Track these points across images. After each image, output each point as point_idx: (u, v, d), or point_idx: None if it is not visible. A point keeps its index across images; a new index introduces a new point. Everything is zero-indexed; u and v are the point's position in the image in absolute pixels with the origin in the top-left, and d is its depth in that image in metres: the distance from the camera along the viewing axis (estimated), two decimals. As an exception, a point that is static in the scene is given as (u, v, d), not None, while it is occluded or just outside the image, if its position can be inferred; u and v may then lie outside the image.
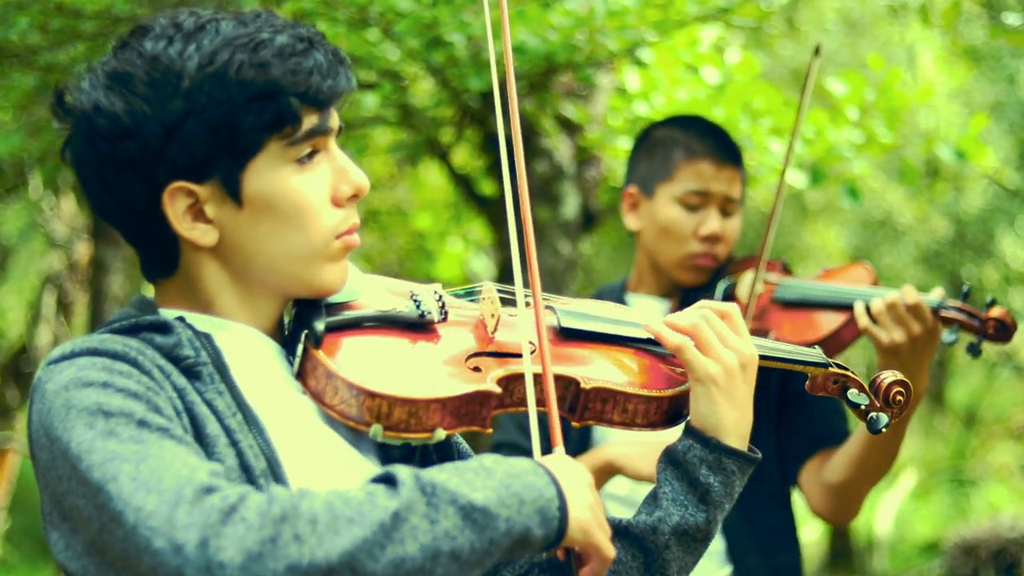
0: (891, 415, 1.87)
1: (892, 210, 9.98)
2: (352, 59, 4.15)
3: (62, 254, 8.85)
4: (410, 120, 4.68)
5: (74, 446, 1.46)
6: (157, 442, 1.46)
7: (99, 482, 1.43)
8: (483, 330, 1.76)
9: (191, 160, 1.59)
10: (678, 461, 1.76)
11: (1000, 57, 8.35)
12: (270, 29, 1.62)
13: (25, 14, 3.86)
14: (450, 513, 1.45)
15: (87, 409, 1.48)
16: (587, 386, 1.72)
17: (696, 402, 1.76)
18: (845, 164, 4.44)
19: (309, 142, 1.63)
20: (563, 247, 4.75)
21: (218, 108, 1.58)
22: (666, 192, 3.07)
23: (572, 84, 4.73)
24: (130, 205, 1.63)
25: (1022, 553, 8.33)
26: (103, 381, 1.50)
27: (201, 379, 1.59)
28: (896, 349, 2.73)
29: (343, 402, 1.61)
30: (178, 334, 1.61)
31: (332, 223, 1.66)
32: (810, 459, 3.02)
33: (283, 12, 3.99)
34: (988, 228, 9.76)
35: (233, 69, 1.58)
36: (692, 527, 1.75)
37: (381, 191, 8.08)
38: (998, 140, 8.98)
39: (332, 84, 1.63)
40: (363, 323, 1.70)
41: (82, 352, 1.55)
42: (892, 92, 4.28)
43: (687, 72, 4.64)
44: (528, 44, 3.95)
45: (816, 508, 3.02)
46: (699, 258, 3.05)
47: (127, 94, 1.59)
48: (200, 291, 1.68)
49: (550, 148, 4.72)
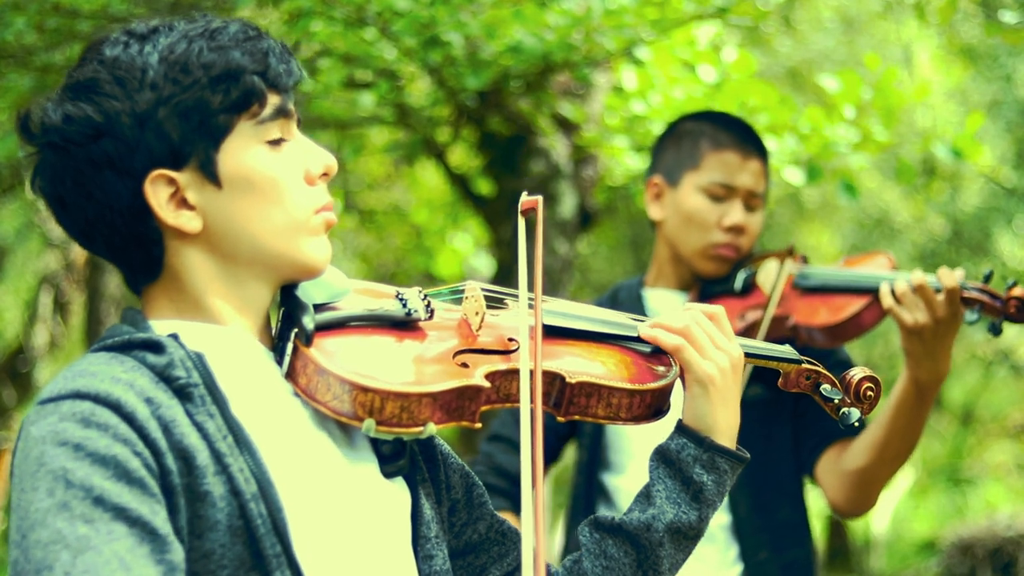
0: (862, 410, 1.91)
1: (889, 209, 9.99)
2: (349, 58, 4.18)
3: (59, 254, 8.85)
4: (407, 119, 4.68)
5: (32, 511, 1.47)
6: (106, 527, 1.46)
7: (39, 564, 1.43)
8: (468, 328, 1.78)
9: (167, 147, 1.62)
10: (671, 460, 1.79)
11: (997, 56, 8.35)
12: (220, 22, 1.69)
13: (22, 14, 3.86)
14: None
15: (52, 472, 1.48)
16: (572, 380, 1.74)
17: (692, 402, 1.79)
18: (842, 160, 4.44)
19: (276, 123, 1.67)
20: (560, 246, 4.75)
21: (185, 92, 1.62)
22: (692, 181, 3.09)
23: (569, 83, 4.74)
24: (112, 205, 1.64)
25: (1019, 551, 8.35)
26: (76, 443, 1.50)
27: (192, 401, 1.58)
28: (920, 330, 2.75)
29: (335, 398, 1.62)
30: (170, 354, 1.60)
31: (309, 199, 1.70)
32: (827, 450, 3.03)
33: (280, 12, 3.99)
34: (985, 227, 9.76)
35: (194, 55, 1.63)
36: (685, 525, 1.77)
37: (378, 191, 8.08)
38: (995, 139, 8.99)
39: (287, 68, 1.69)
40: (351, 322, 1.72)
41: (68, 395, 1.54)
42: (889, 91, 4.29)
43: (684, 71, 4.64)
44: (525, 43, 3.95)
45: (833, 500, 3.03)
46: (721, 248, 3.06)
47: (95, 97, 1.63)
48: (188, 289, 1.68)
49: (547, 147, 4.72)
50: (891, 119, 4.33)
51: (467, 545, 1.87)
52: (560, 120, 4.73)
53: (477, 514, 1.87)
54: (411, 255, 8.07)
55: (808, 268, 3.10)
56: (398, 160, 6.86)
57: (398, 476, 1.75)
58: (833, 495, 3.02)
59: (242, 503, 1.54)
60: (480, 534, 1.87)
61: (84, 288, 8.45)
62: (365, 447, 1.74)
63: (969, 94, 9.42)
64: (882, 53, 8.08)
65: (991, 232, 9.86)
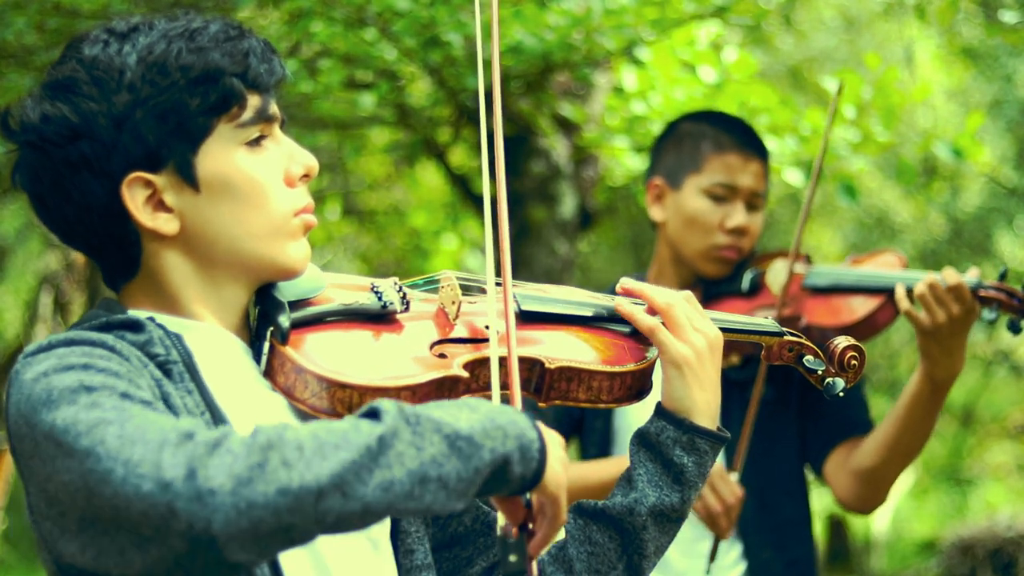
0: (847, 380, 1.90)
1: (889, 209, 9.98)
2: (349, 58, 4.17)
3: (59, 254, 8.85)
4: (407, 120, 4.68)
5: (59, 423, 1.45)
6: (140, 409, 1.46)
7: (87, 448, 1.42)
8: (444, 318, 1.78)
9: (144, 149, 1.62)
10: (651, 443, 1.79)
11: (997, 56, 8.35)
12: (201, 21, 1.67)
13: (22, 14, 3.86)
14: (435, 440, 1.44)
15: (68, 388, 1.47)
16: (552, 366, 1.73)
17: (668, 384, 1.79)
18: (842, 162, 4.44)
19: (256, 126, 1.66)
20: (560, 246, 4.75)
21: (162, 94, 1.61)
22: (694, 183, 3.09)
23: (569, 83, 4.73)
24: (89, 206, 1.63)
25: (1019, 552, 8.34)
26: (83, 364, 1.50)
27: (171, 377, 1.59)
28: (936, 329, 2.76)
29: (313, 395, 1.62)
30: (149, 332, 1.61)
31: (288, 201, 1.69)
32: (836, 448, 3.05)
33: (280, 12, 3.99)
34: (985, 227, 9.76)
35: (172, 56, 1.62)
36: (668, 507, 1.77)
37: (378, 191, 8.07)
38: (995, 139, 8.99)
39: (268, 68, 1.67)
40: (327, 317, 1.71)
41: (59, 343, 1.55)
42: (889, 90, 4.28)
43: (684, 71, 4.64)
44: (525, 43, 3.95)
45: (843, 497, 3.04)
46: (724, 250, 3.07)
47: (72, 97, 1.62)
48: (165, 288, 1.68)
49: (547, 148, 4.72)
50: (892, 119, 4.33)
51: (452, 537, 1.87)
52: (560, 120, 4.73)
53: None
54: (411, 256, 8.07)
55: (817, 268, 3.10)
56: (398, 160, 6.86)
57: None
58: (843, 493, 3.03)
59: None
60: (465, 526, 1.87)
61: (84, 288, 8.45)
62: None
63: (970, 94, 9.42)
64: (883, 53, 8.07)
65: (991, 232, 9.85)
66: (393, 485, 1.41)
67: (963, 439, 13.42)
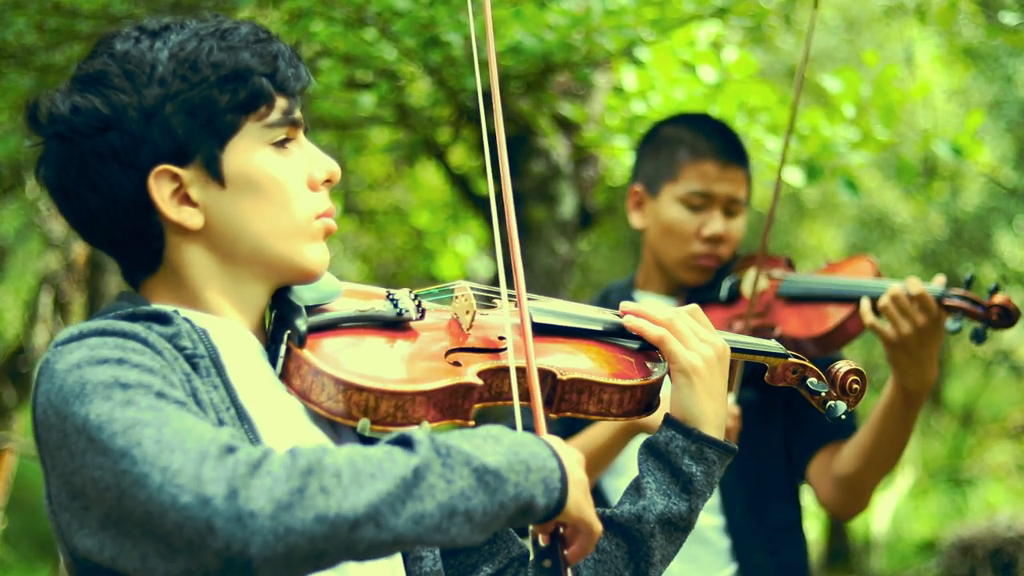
0: (848, 403, 1.93)
1: (889, 208, 9.98)
2: (349, 58, 4.18)
3: (59, 254, 8.84)
4: (407, 120, 4.68)
5: (93, 418, 1.45)
6: (176, 410, 1.46)
7: (122, 448, 1.42)
8: (458, 328, 1.80)
9: (172, 143, 1.63)
10: (660, 452, 1.81)
11: (997, 56, 8.34)
12: (232, 22, 1.70)
13: (22, 14, 3.86)
14: (465, 474, 1.46)
15: (103, 383, 1.48)
16: (564, 377, 1.75)
17: (678, 393, 1.80)
18: (842, 160, 4.44)
19: (283, 128, 1.69)
20: (560, 246, 4.75)
21: (193, 89, 1.63)
22: (670, 192, 3.08)
23: (569, 83, 4.73)
24: (115, 198, 1.65)
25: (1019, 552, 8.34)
26: (118, 358, 1.51)
27: (198, 371, 1.60)
28: (903, 341, 2.74)
29: (330, 398, 1.63)
30: (177, 325, 1.62)
31: (310, 204, 1.71)
32: (819, 452, 3.04)
33: (280, 12, 3.99)
34: (986, 227, 9.75)
35: (204, 54, 1.64)
36: (676, 515, 1.79)
37: (378, 191, 8.08)
38: (996, 139, 8.98)
39: (295, 73, 1.70)
40: (343, 323, 1.73)
41: (91, 333, 1.56)
42: (888, 89, 4.28)
43: (684, 71, 4.64)
44: (525, 44, 3.95)
45: (825, 502, 3.03)
46: (702, 259, 3.06)
47: (103, 89, 1.64)
48: (187, 283, 1.70)
49: (547, 148, 4.72)
50: (891, 118, 4.33)
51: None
52: (560, 120, 4.73)
53: None
54: (411, 256, 8.07)
55: (793, 276, 3.08)
56: (398, 160, 6.86)
57: None
58: (825, 497, 3.02)
59: None
60: None
61: (84, 288, 8.45)
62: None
63: (970, 94, 9.41)
64: (883, 53, 8.07)
65: (991, 232, 9.85)
66: (424, 518, 1.43)
67: (963, 439, 13.41)
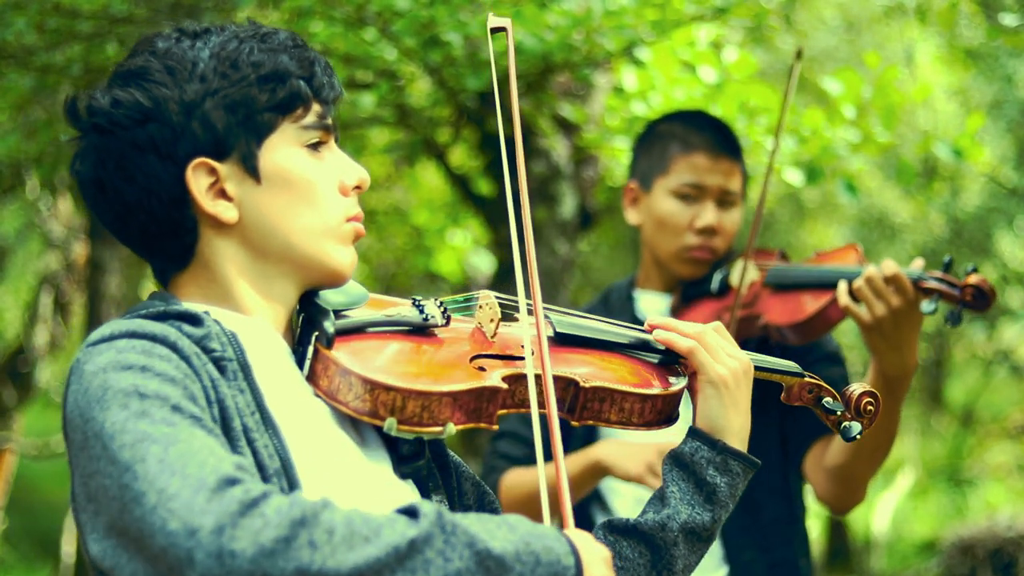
0: (863, 424, 1.97)
1: (889, 209, 9.98)
2: (349, 59, 4.17)
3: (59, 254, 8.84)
4: (407, 120, 4.68)
5: (108, 426, 1.48)
6: (188, 428, 1.48)
7: (127, 462, 1.45)
8: (482, 336, 1.83)
9: (211, 137, 1.68)
10: (685, 463, 1.83)
11: (998, 56, 8.35)
12: (270, 28, 1.75)
13: (22, 14, 3.86)
14: (465, 555, 1.45)
15: (123, 391, 1.50)
16: (586, 385, 1.78)
17: (705, 403, 1.84)
18: (842, 162, 4.44)
19: (317, 131, 1.73)
20: (560, 247, 4.75)
21: (233, 87, 1.68)
22: (662, 185, 3.09)
23: (569, 84, 4.73)
24: (152, 189, 1.68)
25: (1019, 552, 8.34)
26: (141, 365, 1.53)
27: (225, 374, 1.62)
28: (878, 323, 2.73)
29: (357, 398, 1.66)
30: (208, 327, 1.64)
31: (341, 206, 1.76)
32: (813, 446, 3.03)
33: (280, 12, 3.99)
34: (986, 227, 9.76)
35: (244, 54, 1.70)
36: (699, 525, 1.81)
37: (378, 191, 8.07)
38: (996, 139, 8.99)
39: (329, 81, 1.76)
40: (370, 327, 1.76)
41: (121, 335, 1.58)
42: (889, 90, 4.28)
43: (684, 71, 4.64)
44: (525, 44, 3.94)
45: (821, 496, 3.03)
46: (695, 251, 3.06)
47: (144, 83, 1.68)
48: (218, 278, 1.72)
49: (547, 148, 4.72)
50: (892, 118, 4.33)
51: None
52: (560, 121, 4.73)
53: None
54: (411, 255, 8.07)
55: (782, 266, 3.08)
56: (398, 160, 6.86)
57: (411, 478, 1.79)
58: (820, 491, 3.02)
59: (264, 477, 1.57)
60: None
61: (85, 288, 8.45)
62: (380, 449, 1.78)
63: (970, 94, 9.42)
64: (884, 53, 8.07)
65: (992, 232, 9.85)
66: None
67: (963, 439, 13.42)
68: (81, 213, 8.37)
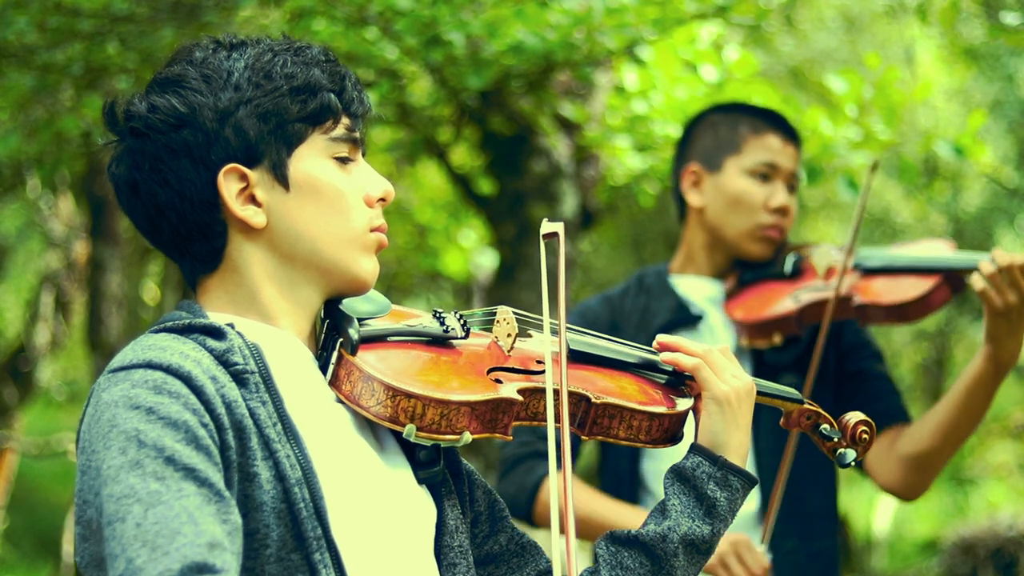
0: (858, 452, 2.02)
1: (890, 208, 9.98)
2: (351, 57, 4.17)
3: (60, 253, 8.86)
4: (408, 119, 4.68)
5: (104, 468, 1.54)
6: (176, 484, 1.53)
7: (111, 516, 1.51)
8: (499, 349, 1.88)
9: (243, 144, 1.74)
10: (687, 477, 1.87)
11: (999, 56, 8.35)
12: (303, 43, 1.82)
13: (23, 13, 3.86)
14: None
15: (125, 433, 1.55)
16: (598, 401, 1.83)
17: (708, 420, 1.88)
18: (843, 160, 4.44)
19: (346, 144, 1.79)
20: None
21: (266, 96, 1.74)
22: (735, 164, 3.10)
23: (570, 83, 4.73)
24: (184, 192, 1.73)
25: (1020, 551, 8.34)
26: (148, 406, 1.58)
27: (247, 387, 1.66)
28: (1008, 311, 2.79)
29: (379, 403, 1.71)
30: (230, 340, 1.68)
31: (366, 216, 1.81)
32: (879, 436, 3.03)
33: (282, 11, 3.99)
34: (987, 227, 9.76)
35: (278, 65, 1.76)
36: (698, 538, 1.85)
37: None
38: (997, 139, 8.99)
39: (359, 97, 1.83)
40: (391, 336, 1.81)
41: (140, 365, 1.62)
42: (890, 89, 4.28)
43: (686, 70, 4.64)
44: (526, 43, 3.95)
45: (888, 484, 3.04)
46: (768, 229, 3.09)
47: (180, 90, 1.74)
48: (244, 282, 1.77)
49: (548, 147, 4.72)
50: (893, 118, 4.33)
51: (488, 556, 1.94)
52: (562, 120, 4.73)
53: (498, 527, 1.95)
54: (413, 255, 8.07)
55: (867, 250, 3.11)
56: (400, 160, 6.86)
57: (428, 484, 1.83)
58: (888, 480, 3.03)
59: (287, 487, 1.62)
60: (501, 546, 1.95)
61: (85, 288, 8.46)
62: (399, 456, 1.82)
63: (971, 94, 9.42)
64: (884, 53, 8.07)
65: (993, 232, 9.85)
66: None
67: (964, 439, 13.40)
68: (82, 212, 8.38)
